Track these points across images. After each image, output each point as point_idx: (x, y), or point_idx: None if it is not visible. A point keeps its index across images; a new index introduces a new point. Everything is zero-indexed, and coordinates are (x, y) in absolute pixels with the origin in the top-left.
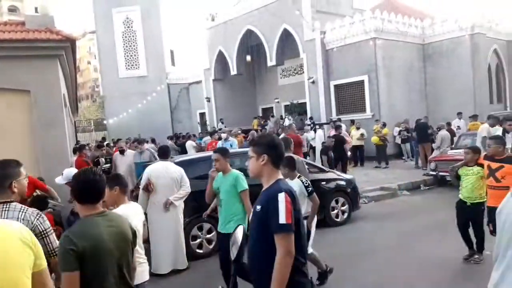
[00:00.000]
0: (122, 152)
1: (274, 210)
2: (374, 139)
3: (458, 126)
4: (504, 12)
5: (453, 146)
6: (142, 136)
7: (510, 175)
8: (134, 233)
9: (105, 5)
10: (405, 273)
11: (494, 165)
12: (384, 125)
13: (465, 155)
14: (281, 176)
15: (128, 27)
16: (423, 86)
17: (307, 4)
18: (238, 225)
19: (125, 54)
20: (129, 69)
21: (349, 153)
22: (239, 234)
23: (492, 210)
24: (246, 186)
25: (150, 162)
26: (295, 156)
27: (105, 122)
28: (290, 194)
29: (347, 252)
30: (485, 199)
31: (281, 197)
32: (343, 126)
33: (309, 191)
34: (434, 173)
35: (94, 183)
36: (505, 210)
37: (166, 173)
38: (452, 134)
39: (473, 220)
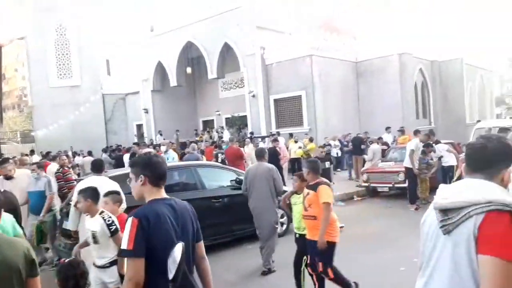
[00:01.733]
0: (8, 178)
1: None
2: (299, 153)
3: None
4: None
5: (383, 159)
6: (75, 148)
7: (315, 204)
8: (30, 261)
9: (37, 10)
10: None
11: (305, 191)
12: (311, 140)
13: (293, 183)
14: (159, 196)
15: (61, 34)
16: (357, 102)
17: (247, 19)
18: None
19: (57, 62)
20: (61, 78)
21: (284, 166)
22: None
23: (310, 243)
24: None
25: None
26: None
27: (33, 133)
28: (143, 218)
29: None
30: None
31: (129, 222)
32: (282, 139)
33: (111, 230)
34: (366, 184)
35: None
36: (429, 219)
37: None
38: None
39: (307, 255)
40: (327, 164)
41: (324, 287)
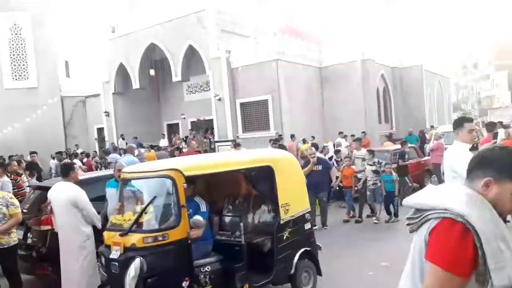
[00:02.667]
0: None
1: None
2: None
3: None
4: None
5: None
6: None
7: None
8: None
9: None
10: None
11: None
12: (304, 141)
13: None
14: None
15: (16, 33)
16: (321, 106)
17: (212, 22)
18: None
19: (11, 63)
20: (16, 79)
21: None
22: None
23: None
24: None
25: None
26: None
27: None
28: None
29: None
30: None
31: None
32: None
33: None
34: None
35: None
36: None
37: (61, 194)
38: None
39: None
40: None
41: None
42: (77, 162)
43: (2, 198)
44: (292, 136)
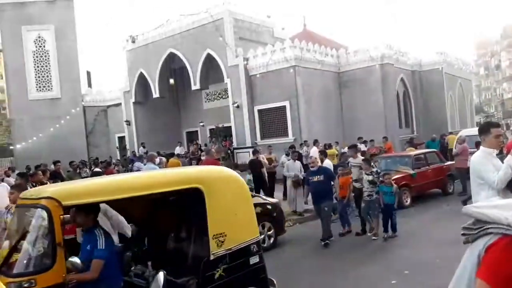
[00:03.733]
0: None
1: None
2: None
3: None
4: (407, 45)
5: None
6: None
7: None
8: None
9: (14, 22)
10: None
11: None
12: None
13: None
14: None
15: (40, 46)
16: (340, 111)
17: (229, 31)
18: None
19: (36, 74)
20: (40, 90)
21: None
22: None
23: None
24: None
25: None
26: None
27: (11, 147)
28: None
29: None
30: None
31: None
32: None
33: None
34: None
35: None
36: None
37: None
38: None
39: None
40: None
41: None
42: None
43: None
44: (316, 142)
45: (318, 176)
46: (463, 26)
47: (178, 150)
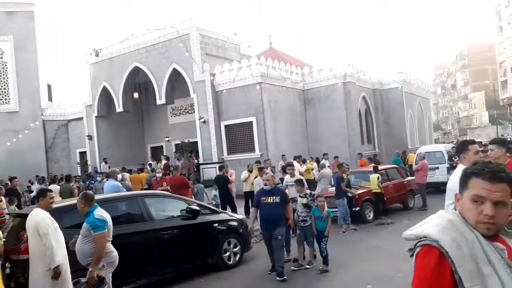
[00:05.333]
0: None
1: None
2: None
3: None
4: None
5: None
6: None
7: None
8: None
9: None
10: None
11: None
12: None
13: None
14: None
15: None
16: (305, 127)
17: (196, 46)
18: None
19: None
20: None
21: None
22: None
23: None
24: None
25: None
26: None
27: None
28: None
29: None
30: None
31: None
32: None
33: None
34: None
35: None
36: None
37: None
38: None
39: None
40: None
41: None
42: (54, 187)
43: None
44: (283, 156)
45: (274, 197)
46: (421, 48)
47: (153, 164)
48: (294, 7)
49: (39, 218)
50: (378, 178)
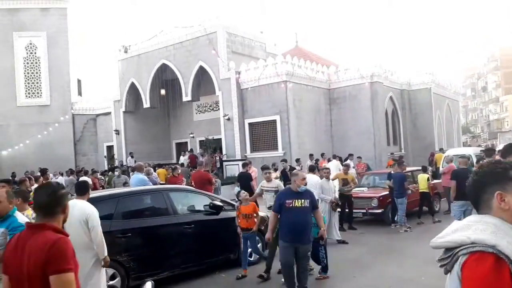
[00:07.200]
0: None
1: None
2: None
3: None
4: (397, 64)
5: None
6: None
7: None
8: None
9: (6, 27)
10: None
11: None
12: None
13: None
14: None
15: (31, 53)
16: (329, 126)
17: (222, 44)
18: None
19: (25, 81)
20: (29, 97)
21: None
22: None
23: None
24: None
25: None
26: None
27: None
28: None
29: None
30: None
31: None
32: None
33: None
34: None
35: None
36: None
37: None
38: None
39: None
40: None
41: None
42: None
43: None
44: (311, 156)
45: (303, 200)
46: (451, 49)
47: (182, 159)
48: (321, 5)
49: (90, 210)
50: (428, 180)
